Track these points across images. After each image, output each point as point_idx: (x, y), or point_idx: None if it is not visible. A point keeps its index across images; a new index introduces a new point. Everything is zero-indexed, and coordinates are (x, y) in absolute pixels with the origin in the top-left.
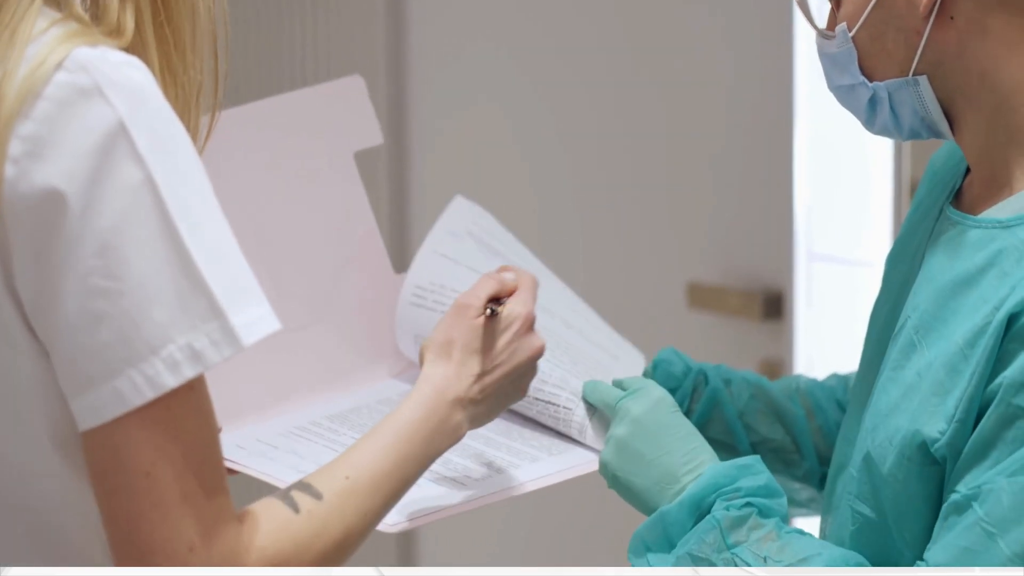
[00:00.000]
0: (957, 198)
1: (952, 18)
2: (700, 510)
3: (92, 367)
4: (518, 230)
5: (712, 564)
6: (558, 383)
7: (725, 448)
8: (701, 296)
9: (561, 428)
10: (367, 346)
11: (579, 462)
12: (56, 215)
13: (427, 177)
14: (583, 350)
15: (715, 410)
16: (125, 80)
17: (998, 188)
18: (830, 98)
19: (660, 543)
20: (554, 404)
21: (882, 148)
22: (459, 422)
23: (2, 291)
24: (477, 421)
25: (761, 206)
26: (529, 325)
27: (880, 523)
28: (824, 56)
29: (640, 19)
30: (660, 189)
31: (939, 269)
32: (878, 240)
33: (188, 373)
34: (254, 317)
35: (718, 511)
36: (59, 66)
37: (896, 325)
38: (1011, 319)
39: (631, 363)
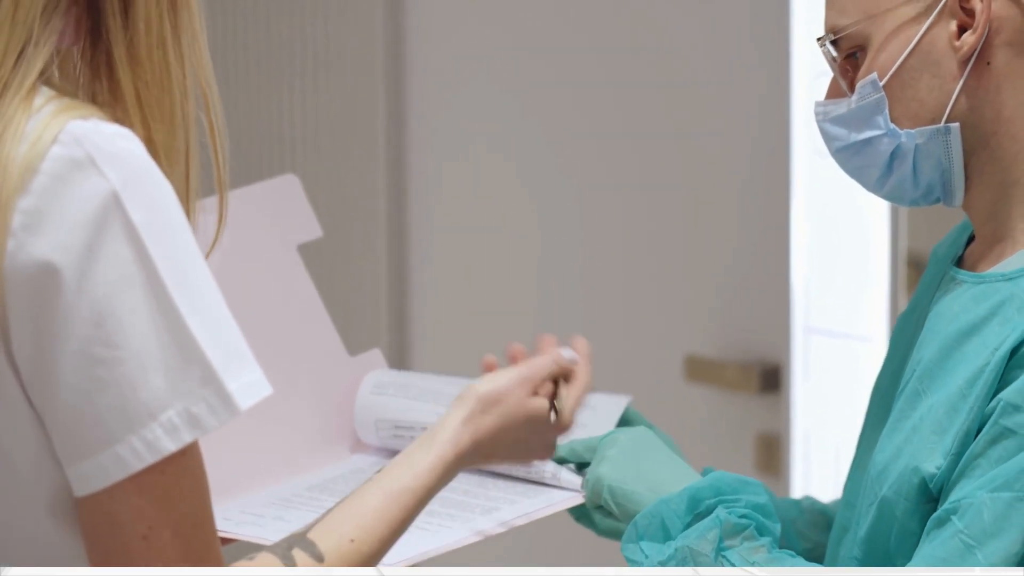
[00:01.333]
0: (960, 262)
1: (989, 63)
2: (699, 508)
3: (91, 434)
4: (517, 297)
5: (708, 561)
6: None
7: None
8: (699, 369)
9: (533, 476)
10: (328, 428)
11: (563, 498)
12: (52, 287)
13: (426, 245)
14: None
15: None
16: (118, 151)
17: (1001, 246)
18: (827, 171)
19: (655, 532)
20: None
21: (879, 221)
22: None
23: (1, 359)
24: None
25: (758, 280)
26: (562, 433)
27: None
28: (831, 120)
29: (639, 87)
30: (658, 262)
31: (944, 323)
32: (875, 314)
33: (186, 438)
34: (248, 382)
35: (721, 513)
36: (55, 140)
37: (901, 382)
38: (1013, 351)
39: (608, 412)
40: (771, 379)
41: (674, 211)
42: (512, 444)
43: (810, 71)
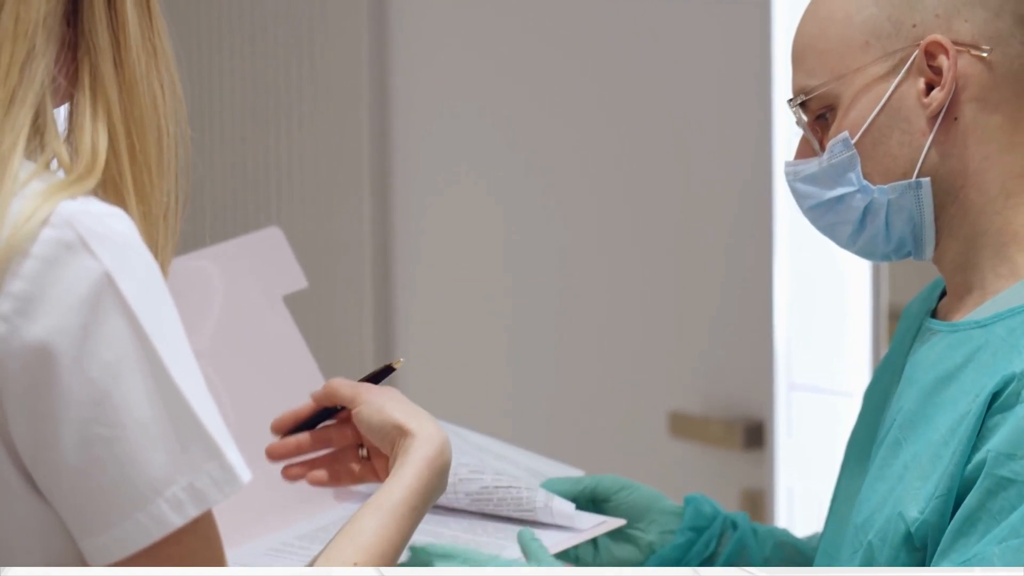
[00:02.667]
0: (934, 314)
1: (956, 119)
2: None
3: (99, 512)
4: (500, 351)
5: None
6: (514, 474)
7: None
8: (683, 425)
9: (524, 513)
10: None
11: (562, 537)
12: (48, 370)
13: (411, 290)
14: (523, 459)
15: (742, 554)
16: (108, 231)
17: (973, 295)
18: (809, 229)
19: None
20: (515, 487)
21: (860, 277)
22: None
23: None
24: None
25: (742, 336)
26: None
27: None
28: (803, 179)
29: (625, 147)
30: (642, 318)
31: (921, 372)
32: (857, 369)
33: (192, 512)
34: (240, 459)
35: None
36: (45, 223)
37: (880, 432)
38: (992, 397)
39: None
40: (755, 435)
41: (658, 267)
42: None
43: (792, 131)
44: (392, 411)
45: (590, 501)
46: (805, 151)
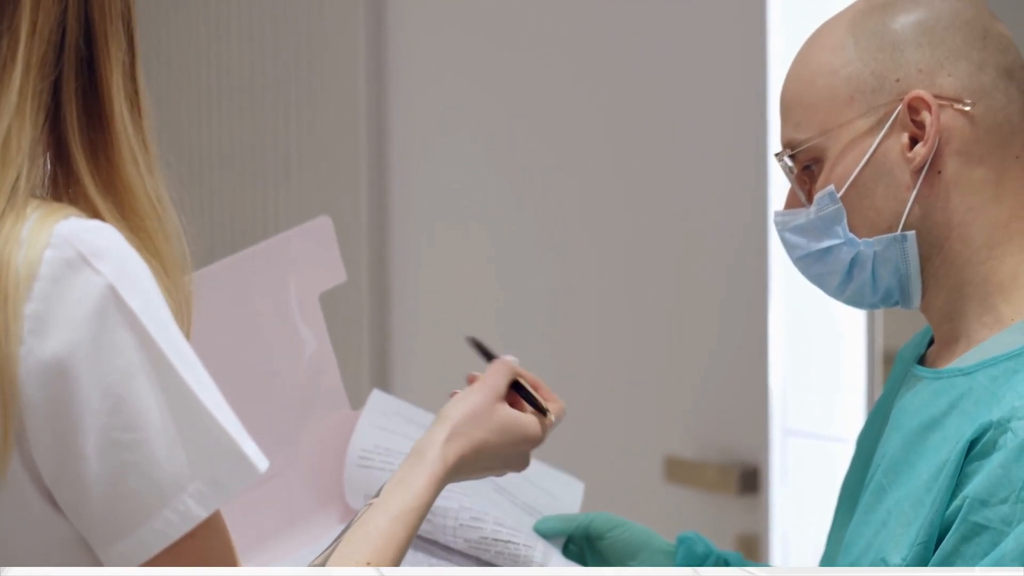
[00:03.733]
0: (921, 362)
1: (940, 172)
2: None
3: (125, 515)
4: None
5: None
6: (514, 525)
7: None
8: (678, 470)
9: (522, 560)
10: (328, 489)
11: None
12: (65, 384)
13: (409, 321)
14: (523, 487)
15: None
16: (105, 243)
17: (959, 343)
18: (803, 279)
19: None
20: (514, 543)
21: (855, 324)
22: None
23: (19, 468)
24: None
25: (737, 381)
26: (534, 446)
27: None
28: (791, 230)
29: (624, 192)
30: (637, 364)
31: (906, 418)
32: (852, 415)
33: (215, 504)
34: (255, 449)
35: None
36: (47, 244)
37: (867, 477)
38: (971, 444)
39: (571, 497)
40: (750, 480)
41: (653, 311)
42: (493, 455)
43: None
44: (453, 407)
45: (584, 539)
46: (794, 202)
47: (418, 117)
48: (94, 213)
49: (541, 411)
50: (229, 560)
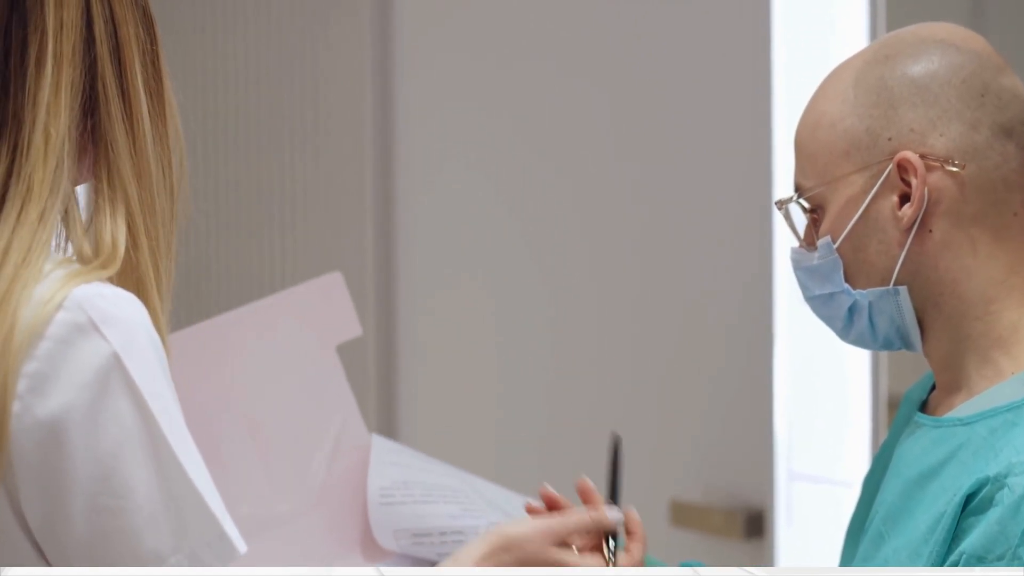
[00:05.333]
0: (923, 407)
1: (931, 231)
2: None
3: None
4: (488, 437)
5: None
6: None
7: None
8: (683, 514)
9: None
10: (354, 529)
11: None
12: (59, 445)
13: (414, 372)
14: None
15: None
16: (118, 312)
17: (958, 393)
18: (808, 318)
19: None
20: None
21: (860, 367)
22: None
23: (8, 514)
24: None
25: (742, 425)
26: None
27: None
28: (802, 269)
29: (618, 232)
30: (642, 408)
31: (905, 466)
32: (857, 459)
33: None
34: (236, 530)
35: None
36: (60, 306)
37: (867, 523)
38: (967, 499)
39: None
40: (755, 524)
41: (659, 355)
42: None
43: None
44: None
45: None
46: (809, 236)
47: (424, 153)
48: (126, 202)
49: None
50: None
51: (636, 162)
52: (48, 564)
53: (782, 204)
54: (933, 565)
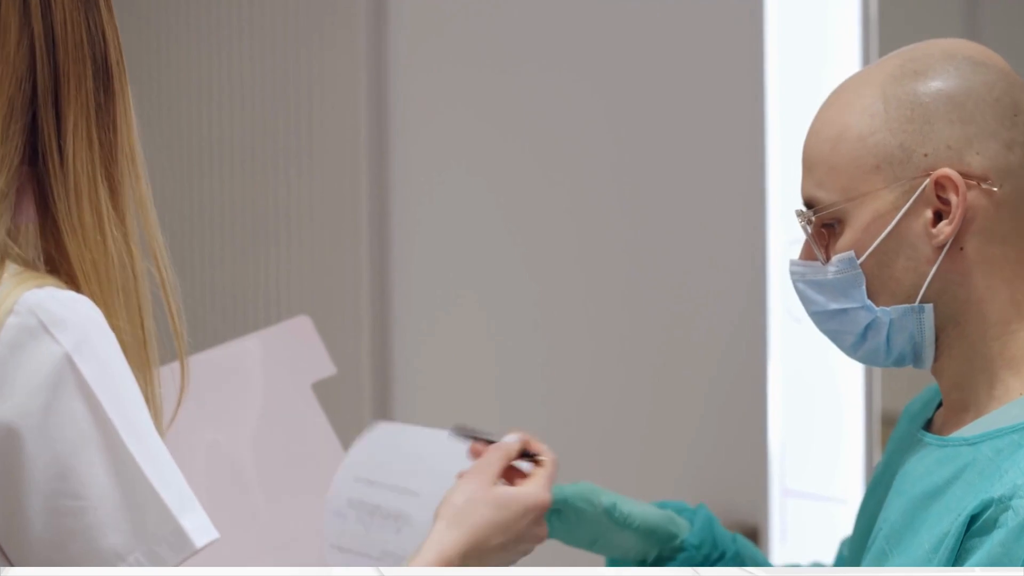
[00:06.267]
0: (928, 425)
1: (962, 249)
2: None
3: None
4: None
5: None
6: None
7: None
8: None
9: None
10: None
11: None
12: (14, 448)
13: (409, 401)
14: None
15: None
16: (70, 314)
17: (967, 412)
18: (802, 334)
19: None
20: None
21: (854, 384)
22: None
23: None
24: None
25: (735, 442)
26: (542, 511)
27: None
28: (809, 283)
29: (611, 246)
30: (635, 425)
31: (909, 484)
32: (851, 476)
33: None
34: (199, 524)
35: None
36: (10, 311)
37: (869, 540)
38: (971, 520)
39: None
40: (749, 541)
41: (652, 372)
42: (502, 533)
43: (785, 237)
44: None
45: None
46: (810, 253)
47: (419, 165)
48: (68, 265)
49: (532, 460)
50: None
51: (630, 177)
52: (10, 564)
53: (803, 217)
54: None
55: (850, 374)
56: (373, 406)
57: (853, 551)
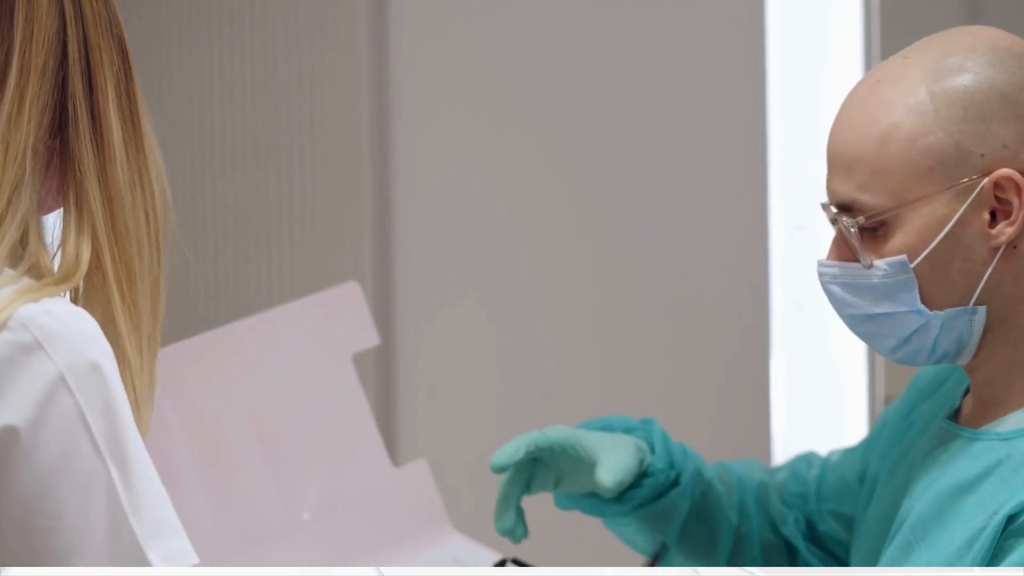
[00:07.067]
0: (955, 415)
1: (1015, 247)
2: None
3: None
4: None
5: None
6: None
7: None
8: None
9: None
10: (366, 540)
11: None
12: (7, 450)
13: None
14: None
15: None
16: (65, 330)
17: (998, 407)
18: (805, 323)
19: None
20: None
21: (857, 376)
22: None
23: None
24: None
25: (738, 431)
26: None
27: None
28: (850, 286)
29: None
30: (638, 417)
31: (937, 475)
32: None
33: None
34: (171, 551)
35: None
36: (4, 327)
37: (892, 527)
38: (1009, 519)
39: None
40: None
41: (653, 368)
42: None
43: (786, 226)
44: None
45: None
46: (843, 253)
47: (422, 164)
48: (92, 223)
49: None
50: None
51: (631, 173)
52: None
53: (842, 219)
54: None
55: (853, 366)
56: (375, 405)
57: (868, 533)
